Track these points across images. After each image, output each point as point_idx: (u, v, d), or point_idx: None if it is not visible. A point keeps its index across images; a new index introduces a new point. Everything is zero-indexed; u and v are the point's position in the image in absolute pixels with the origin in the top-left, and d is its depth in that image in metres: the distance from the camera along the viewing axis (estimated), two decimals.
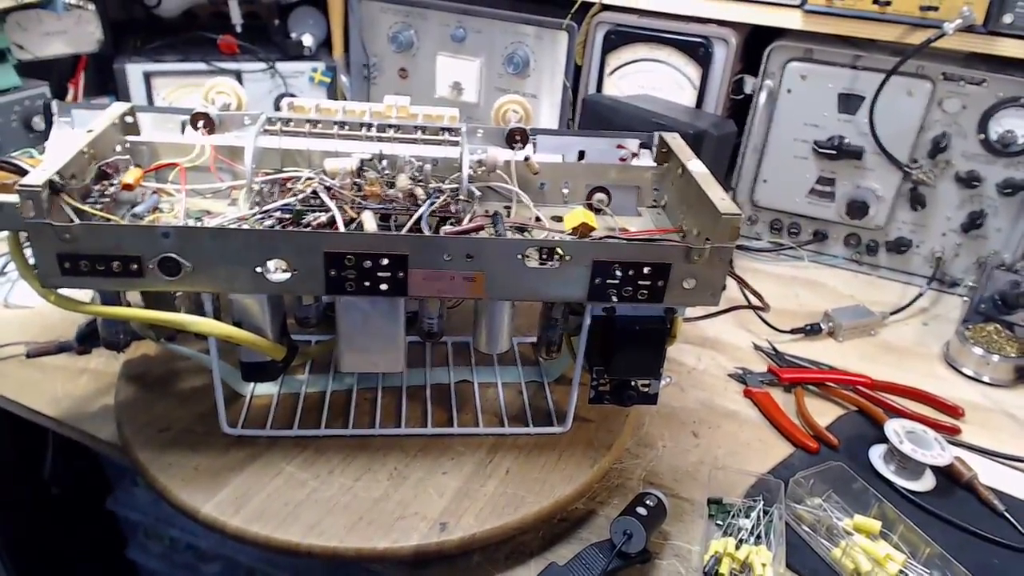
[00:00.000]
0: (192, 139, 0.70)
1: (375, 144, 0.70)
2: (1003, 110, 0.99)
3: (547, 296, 0.63)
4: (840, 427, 0.81)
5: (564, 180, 0.74)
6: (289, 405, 0.74)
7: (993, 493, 0.72)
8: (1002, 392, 0.91)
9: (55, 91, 1.17)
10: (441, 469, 0.68)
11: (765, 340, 0.96)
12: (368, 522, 0.62)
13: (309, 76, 1.30)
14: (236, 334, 0.64)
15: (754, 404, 0.84)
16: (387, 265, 0.59)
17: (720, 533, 0.65)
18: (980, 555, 0.66)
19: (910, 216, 1.10)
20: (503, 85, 1.26)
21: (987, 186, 1.03)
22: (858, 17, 1.01)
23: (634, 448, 0.76)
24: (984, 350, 0.92)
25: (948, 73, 1.00)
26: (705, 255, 0.60)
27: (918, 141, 1.05)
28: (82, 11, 1.18)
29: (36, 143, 1.09)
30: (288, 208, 0.63)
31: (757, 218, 1.20)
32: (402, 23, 1.29)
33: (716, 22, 1.10)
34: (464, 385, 0.79)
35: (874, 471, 0.75)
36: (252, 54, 1.26)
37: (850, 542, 0.64)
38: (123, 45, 1.27)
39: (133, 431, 0.70)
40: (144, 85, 1.21)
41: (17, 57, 1.12)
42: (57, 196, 0.56)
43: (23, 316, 0.89)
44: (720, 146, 0.96)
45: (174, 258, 0.58)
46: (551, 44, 1.20)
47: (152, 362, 0.80)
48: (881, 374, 0.90)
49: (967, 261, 1.09)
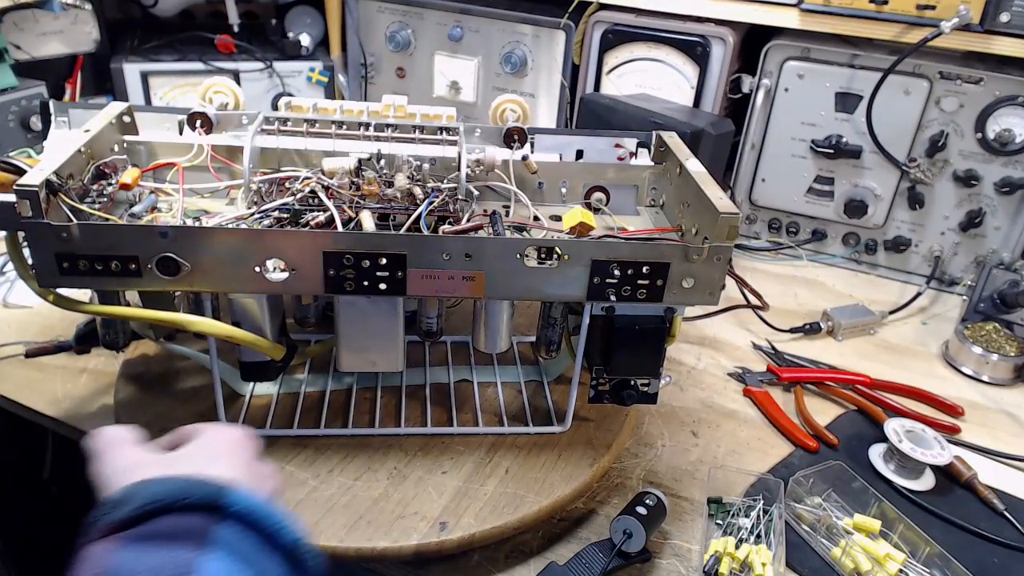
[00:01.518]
0: (190, 139, 0.70)
1: (373, 144, 0.70)
2: (1000, 109, 0.99)
3: (546, 296, 0.63)
4: (840, 426, 0.81)
5: (562, 179, 0.74)
6: (288, 405, 0.74)
7: (993, 492, 0.72)
8: (1001, 391, 0.91)
9: (52, 91, 1.17)
10: (441, 469, 0.68)
11: (764, 339, 0.96)
12: (368, 521, 0.62)
13: (307, 76, 1.30)
14: (235, 334, 0.64)
15: (754, 403, 0.84)
16: (386, 264, 0.59)
17: (720, 532, 0.65)
18: (980, 554, 0.66)
19: (908, 215, 1.10)
20: (501, 84, 1.26)
21: (985, 185, 1.03)
22: (855, 16, 1.01)
23: (633, 447, 0.76)
24: (983, 349, 0.92)
25: (945, 72, 1.01)
26: (704, 254, 0.60)
27: (916, 140, 1.05)
28: (79, 11, 1.17)
29: (34, 143, 1.09)
30: (286, 208, 0.63)
31: (755, 217, 1.20)
32: (399, 22, 1.29)
33: (714, 21, 1.10)
34: (463, 385, 0.79)
35: (874, 470, 0.75)
36: (249, 54, 1.26)
37: (850, 541, 0.64)
38: (120, 45, 1.27)
39: None
40: (142, 85, 1.21)
41: (14, 57, 1.11)
42: (55, 196, 0.56)
43: (22, 316, 0.89)
44: (718, 145, 0.96)
45: (172, 258, 0.57)
46: (549, 43, 1.20)
47: (151, 362, 0.79)
48: (880, 373, 0.90)
49: (966, 260, 1.09)
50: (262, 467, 0.49)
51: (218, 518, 0.40)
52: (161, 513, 0.39)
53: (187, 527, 0.39)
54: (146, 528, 0.39)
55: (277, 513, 0.41)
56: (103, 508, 0.40)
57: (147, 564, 0.36)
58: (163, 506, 0.39)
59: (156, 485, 0.41)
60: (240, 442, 0.49)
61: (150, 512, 0.39)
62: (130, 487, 0.41)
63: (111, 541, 0.38)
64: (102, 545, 0.38)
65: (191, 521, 0.39)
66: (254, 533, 0.40)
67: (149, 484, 0.41)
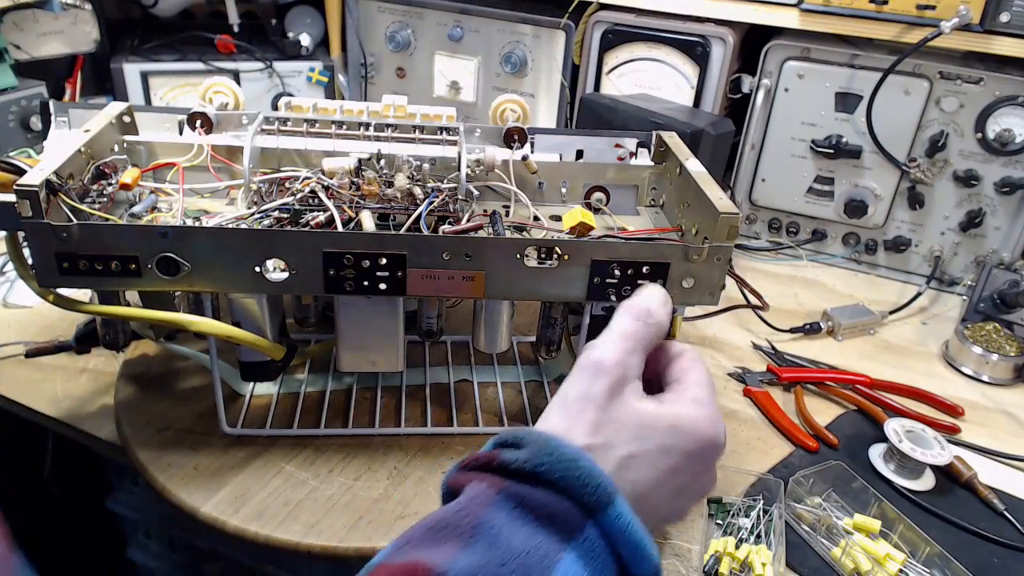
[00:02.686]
0: (190, 139, 0.70)
1: (373, 144, 0.70)
2: (1000, 109, 0.99)
3: (546, 295, 0.63)
4: (840, 426, 0.81)
5: (562, 179, 0.74)
6: (288, 404, 0.74)
7: (993, 492, 0.72)
8: (1001, 391, 0.91)
9: (52, 91, 1.17)
10: (441, 468, 0.68)
11: (764, 339, 0.96)
12: (368, 521, 0.62)
13: (307, 76, 1.30)
14: (235, 334, 0.64)
15: (754, 403, 0.84)
16: (386, 264, 0.59)
17: (720, 532, 0.65)
18: (980, 554, 0.66)
19: (908, 215, 1.10)
20: (501, 84, 1.26)
21: (985, 185, 1.03)
22: (855, 16, 1.01)
23: None
24: (983, 349, 0.92)
25: (945, 72, 1.01)
26: (703, 254, 0.60)
27: (916, 140, 1.05)
28: (79, 11, 1.17)
29: (34, 143, 1.09)
30: (286, 208, 0.63)
31: (755, 217, 1.20)
32: (399, 22, 1.29)
33: (714, 21, 1.09)
34: (464, 384, 0.79)
35: (874, 470, 0.75)
36: (249, 54, 1.26)
37: (850, 541, 0.64)
38: (120, 45, 1.26)
39: (133, 431, 0.70)
40: (141, 85, 1.21)
41: (14, 57, 1.11)
42: (55, 196, 0.56)
43: (22, 316, 0.89)
44: (718, 145, 0.96)
45: (172, 258, 0.57)
46: (548, 43, 1.20)
47: (151, 362, 0.80)
48: (880, 373, 0.90)
49: (966, 260, 1.09)
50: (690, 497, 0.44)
51: (590, 518, 0.37)
52: (549, 485, 0.37)
53: (565, 514, 0.36)
54: (531, 493, 0.37)
55: (649, 549, 0.38)
56: (511, 437, 0.38)
57: (514, 542, 0.35)
58: (558, 479, 0.37)
59: (569, 456, 0.38)
60: (710, 458, 0.44)
61: (541, 476, 0.37)
62: (545, 438, 0.39)
63: (495, 487, 0.37)
64: (487, 482, 0.37)
65: (569, 509, 0.37)
66: (613, 555, 0.37)
67: (564, 448, 0.38)
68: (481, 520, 0.36)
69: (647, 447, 0.42)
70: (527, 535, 0.35)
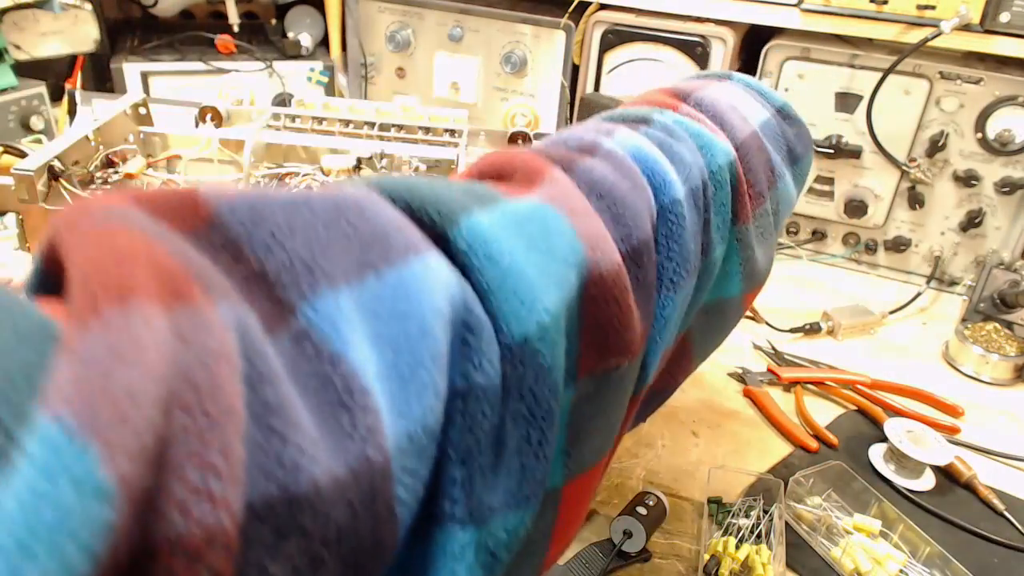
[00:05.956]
0: (200, 131, 0.70)
1: (377, 143, 0.70)
2: (1000, 109, 0.99)
3: None
4: (840, 426, 0.81)
5: None
6: None
7: (993, 492, 0.72)
8: (1001, 391, 0.91)
9: (52, 91, 1.17)
10: None
11: (764, 339, 0.96)
12: None
13: (307, 76, 1.30)
14: None
15: (753, 403, 0.84)
16: None
17: (720, 532, 0.65)
18: (980, 554, 0.66)
19: (908, 215, 1.10)
20: (501, 84, 1.26)
21: (985, 185, 1.03)
22: (855, 16, 1.01)
23: (633, 447, 0.76)
24: (983, 349, 0.92)
25: (945, 72, 1.01)
26: None
27: (916, 140, 1.05)
28: (79, 11, 1.17)
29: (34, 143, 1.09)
30: None
31: None
32: (399, 22, 1.29)
33: (714, 21, 1.09)
34: None
35: (874, 470, 0.75)
36: (249, 54, 1.26)
37: (850, 541, 0.64)
38: (120, 45, 1.26)
39: None
40: (142, 85, 1.20)
41: (14, 57, 1.11)
42: (56, 181, 0.56)
43: None
44: None
45: None
46: (548, 43, 1.20)
47: None
48: (880, 373, 0.90)
49: (966, 260, 1.09)
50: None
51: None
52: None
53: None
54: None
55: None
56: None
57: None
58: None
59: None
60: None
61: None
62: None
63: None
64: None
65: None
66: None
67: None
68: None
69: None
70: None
